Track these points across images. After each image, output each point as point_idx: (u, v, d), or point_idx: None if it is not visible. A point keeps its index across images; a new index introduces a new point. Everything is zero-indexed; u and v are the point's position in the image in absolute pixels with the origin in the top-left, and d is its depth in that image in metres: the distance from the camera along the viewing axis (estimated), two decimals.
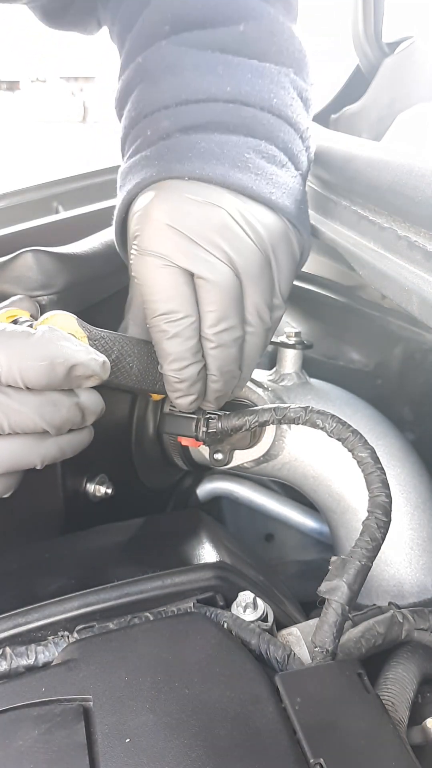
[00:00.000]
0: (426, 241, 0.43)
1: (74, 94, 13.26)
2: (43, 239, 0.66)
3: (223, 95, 0.50)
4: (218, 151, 0.49)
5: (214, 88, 0.50)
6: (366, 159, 0.52)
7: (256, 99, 0.51)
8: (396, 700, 0.42)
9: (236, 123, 0.50)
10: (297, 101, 0.54)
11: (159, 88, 0.52)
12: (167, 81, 0.52)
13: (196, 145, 0.49)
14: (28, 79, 13.55)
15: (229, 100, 0.51)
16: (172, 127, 0.50)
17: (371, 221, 0.51)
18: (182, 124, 0.50)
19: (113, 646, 0.43)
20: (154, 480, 0.80)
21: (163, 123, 0.51)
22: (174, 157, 0.49)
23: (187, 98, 0.51)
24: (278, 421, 0.53)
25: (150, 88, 0.53)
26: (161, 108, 0.51)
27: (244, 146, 0.50)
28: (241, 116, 0.50)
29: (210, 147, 0.49)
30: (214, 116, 0.50)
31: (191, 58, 0.51)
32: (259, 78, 0.52)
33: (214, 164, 0.48)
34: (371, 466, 0.47)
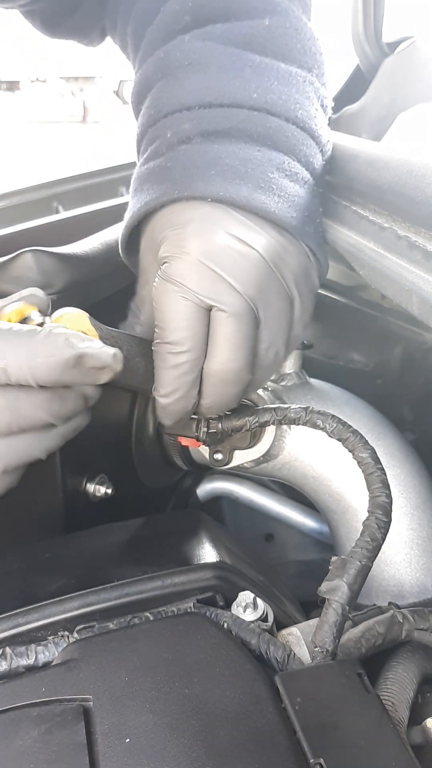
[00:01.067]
0: (426, 241, 0.43)
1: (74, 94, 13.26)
2: (43, 239, 0.66)
3: (248, 101, 0.48)
4: (242, 170, 0.47)
5: (239, 93, 0.49)
6: (366, 159, 0.52)
7: (282, 109, 0.49)
8: (396, 700, 0.42)
9: (261, 133, 0.49)
10: (320, 112, 0.52)
11: (181, 87, 0.50)
12: (190, 80, 0.50)
13: (219, 160, 0.47)
14: (28, 79, 13.55)
15: (255, 107, 0.49)
16: (194, 130, 0.49)
17: (371, 221, 0.51)
18: (204, 128, 0.48)
19: (113, 646, 0.43)
20: (154, 480, 0.80)
21: (184, 125, 0.49)
22: (197, 173, 0.47)
23: (210, 101, 0.49)
24: (278, 422, 0.53)
25: (171, 85, 0.50)
26: (183, 109, 0.49)
27: (268, 164, 0.48)
28: (266, 126, 0.49)
29: (234, 164, 0.47)
30: (238, 123, 0.48)
31: (216, 57, 0.49)
32: (285, 86, 0.50)
33: (237, 185, 0.47)
34: (372, 466, 0.47)
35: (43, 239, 0.66)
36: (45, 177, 1.08)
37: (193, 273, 0.46)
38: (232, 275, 0.46)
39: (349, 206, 0.56)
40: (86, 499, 0.67)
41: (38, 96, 13.08)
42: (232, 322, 0.46)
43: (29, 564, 0.57)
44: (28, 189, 1.04)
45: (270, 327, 0.49)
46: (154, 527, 0.63)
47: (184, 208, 0.48)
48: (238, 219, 0.47)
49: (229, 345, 0.47)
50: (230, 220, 0.47)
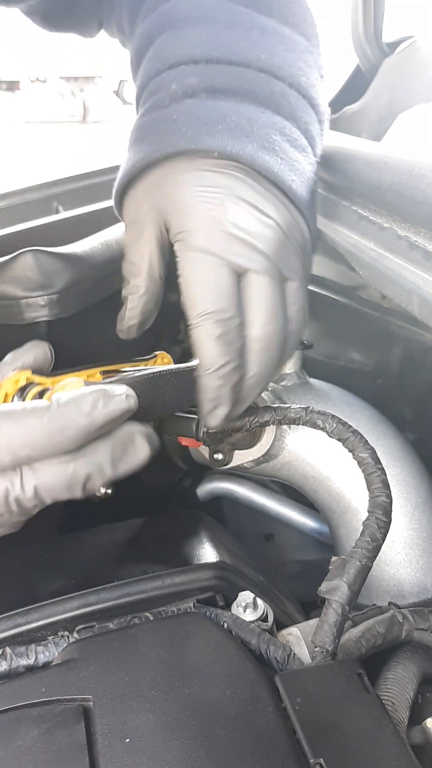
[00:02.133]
0: (426, 241, 0.43)
1: (74, 94, 13.26)
2: (43, 239, 0.66)
3: (256, 62, 0.48)
4: (248, 129, 0.47)
5: (247, 52, 0.48)
6: (366, 159, 0.52)
7: (287, 74, 0.49)
8: (396, 700, 0.42)
9: (266, 96, 0.48)
10: (319, 82, 0.53)
11: (188, 39, 0.49)
12: (198, 33, 0.49)
13: (226, 117, 0.47)
14: (28, 79, 13.55)
15: (262, 69, 0.48)
16: (200, 85, 0.48)
17: (371, 221, 0.51)
18: (211, 83, 0.48)
19: (113, 646, 0.43)
20: (154, 480, 0.80)
21: (190, 79, 0.48)
22: (204, 128, 0.46)
23: (219, 57, 0.48)
24: (278, 422, 0.53)
25: (178, 36, 0.49)
26: (189, 62, 0.48)
27: (272, 127, 0.48)
28: (271, 90, 0.49)
29: (240, 122, 0.47)
30: (245, 83, 0.48)
31: (224, 13, 0.49)
32: (290, 51, 0.50)
33: (243, 142, 0.47)
34: (372, 466, 0.47)
35: (43, 239, 0.66)
36: (45, 177, 1.08)
37: (221, 240, 0.45)
38: (256, 239, 0.46)
39: (349, 206, 0.56)
40: (86, 499, 0.67)
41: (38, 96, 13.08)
42: (267, 281, 0.46)
43: (29, 564, 0.57)
44: (28, 189, 1.04)
45: (292, 288, 0.48)
46: (154, 527, 0.63)
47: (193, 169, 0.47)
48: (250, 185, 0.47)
49: (268, 305, 0.47)
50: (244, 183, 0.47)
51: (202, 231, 0.46)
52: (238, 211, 0.46)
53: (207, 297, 0.46)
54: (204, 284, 0.46)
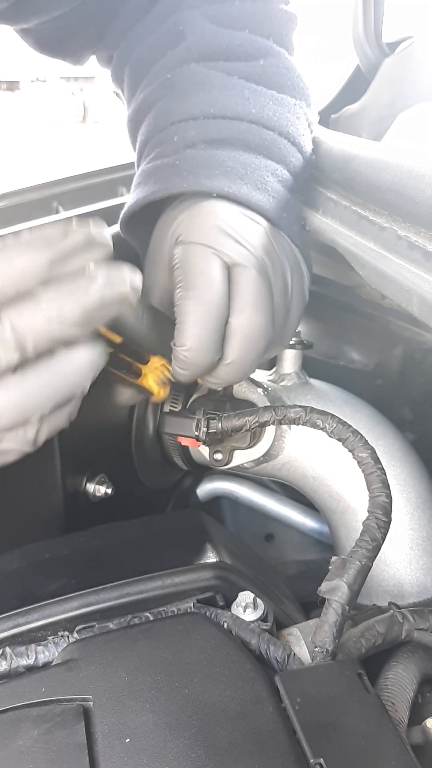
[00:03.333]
0: (426, 241, 0.43)
1: (74, 94, 13.25)
2: None
3: (247, 115, 0.55)
4: (242, 172, 0.53)
5: (240, 108, 0.55)
6: (366, 159, 0.52)
7: (276, 124, 0.56)
8: (396, 700, 0.42)
9: (257, 143, 0.55)
10: (307, 132, 0.59)
11: (188, 100, 0.56)
12: (196, 95, 0.56)
13: (222, 162, 0.53)
14: (28, 79, 13.54)
15: (253, 121, 0.55)
16: (198, 137, 0.54)
17: (371, 221, 0.51)
18: (208, 136, 0.54)
19: (113, 646, 0.43)
20: (154, 480, 0.80)
21: (190, 132, 0.55)
22: (203, 172, 0.53)
23: (215, 113, 0.55)
24: (278, 422, 0.53)
25: (178, 100, 0.57)
26: (189, 118, 0.55)
27: (264, 169, 0.55)
28: (262, 138, 0.55)
29: (235, 167, 0.53)
30: (239, 133, 0.55)
31: (219, 80, 0.57)
32: (278, 106, 0.57)
33: (239, 184, 0.53)
34: (371, 466, 0.47)
35: None
36: (45, 177, 1.07)
37: (216, 236, 0.50)
38: (246, 240, 0.50)
39: (349, 206, 0.56)
40: (86, 499, 0.67)
41: (38, 96, 13.07)
42: (255, 276, 0.49)
43: (29, 564, 0.57)
44: (28, 189, 1.04)
45: (278, 289, 0.52)
46: (154, 527, 0.63)
47: (196, 198, 0.52)
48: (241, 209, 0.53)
49: (253, 297, 0.50)
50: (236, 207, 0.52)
51: (197, 228, 0.51)
52: (231, 216, 0.51)
53: (194, 281, 0.49)
54: (193, 269, 0.49)
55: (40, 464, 0.63)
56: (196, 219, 0.51)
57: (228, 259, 0.49)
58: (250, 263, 0.50)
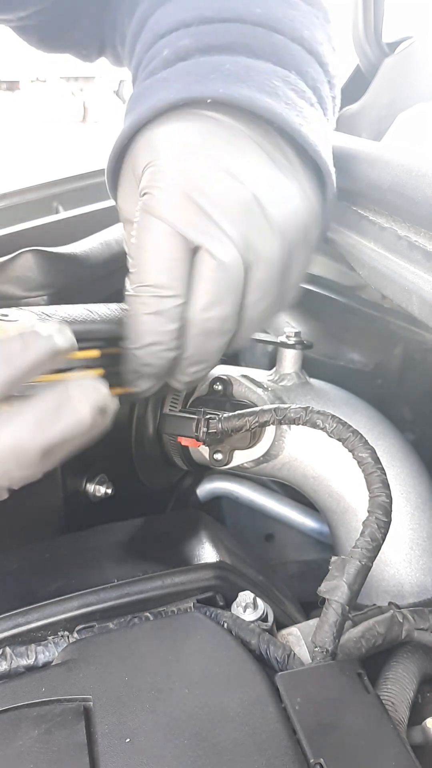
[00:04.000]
0: (426, 241, 0.43)
1: (74, 94, 13.25)
2: (43, 239, 0.66)
3: (251, 17, 0.44)
4: (244, 74, 0.43)
5: (242, 7, 0.45)
6: (366, 159, 0.52)
7: (287, 27, 0.45)
8: (396, 700, 0.42)
9: (264, 48, 0.44)
10: (328, 42, 0.48)
11: (179, 7, 0.46)
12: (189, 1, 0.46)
13: (220, 66, 0.43)
14: (28, 79, 13.54)
15: (258, 23, 0.44)
16: (192, 46, 0.44)
17: (371, 221, 0.51)
18: (204, 42, 0.44)
19: (113, 646, 0.43)
20: (154, 480, 0.80)
21: (182, 41, 0.45)
22: (193, 78, 0.42)
23: (211, 17, 0.45)
24: (278, 422, 0.53)
25: (170, 6, 0.47)
26: (181, 26, 0.45)
27: (273, 74, 0.43)
28: (270, 42, 0.44)
29: (236, 69, 0.43)
30: (240, 37, 0.44)
31: None
32: (290, 9, 0.46)
33: (239, 86, 0.42)
34: (372, 466, 0.47)
35: (43, 239, 0.66)
36: (45, 177, 1.07)
37: (178, 207, 0.40)
38: (220, 213, 0.40)
39: (349, 206, 0.56)
40: (86, 499, 0.67)
41: (38, 96, 13.07)
42: (218, 268, 0.41)
43: (29, 564, 0.57)
44: (28, 189, 1.04)
45: (259, 277, 0.43)
46: (154, 527, 0.63)
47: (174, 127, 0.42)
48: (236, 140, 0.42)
49: (214, 292, 0.42)
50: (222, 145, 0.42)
51: (163, 194, 0.41)
52: (208, 172, 0.40)
53: (151, 268, 0.41)
54: (152, 254, 0.41)
55: None
56: (160, 175, 0.41)
57: (193, 242, 0.41)
58: (215, 250, 0.40)
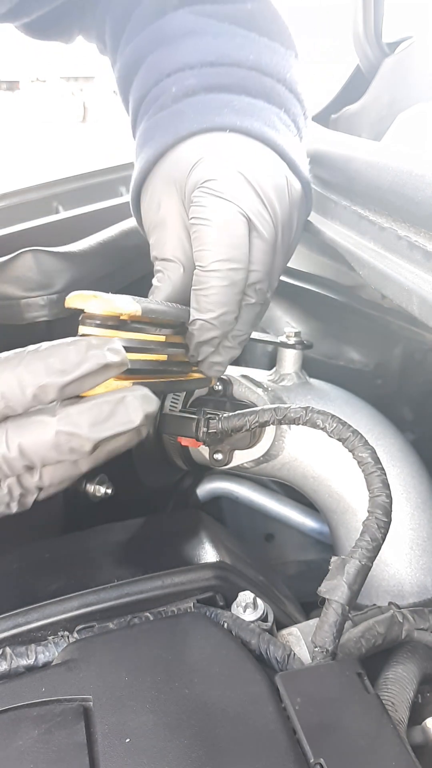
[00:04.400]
0: (426, 241, 0.43)
1: (74, 94, 13.25)
2: (43, 239, 0.66)
3: (245, 62, 0.53)
4: (250, 111, 0.52)
5: (237, 54, 0.53)
6: (366, 159, 0.52)
7: (274, 71, 0.54)
8: (396, 700, 0.42)
9: (258, 90, 0.53)
10: (302, 80, 0.57)
11: (181, 50, 0.54)
12: (189, 44, 0.54)
13: (229, 103, 0.51)
14: (28, 79, 13.54)
15: (251, 67, 0.53)
16: (198, 85, 0.52)
17: (371, 221, 0.51)
18: (208, 83, 0.52)
19: (113, 646, 0.43)
20: (154, 480, 0.80)
21: (189, 81, 0.52)
22: (211, 111, 0.51)
23: (212, 60, 0.53)
24: (278, 422, 0.53)
25: (170, 50, 0.54)
26: (186, 68, 0.53)
27: (269, 111, 0.53)
28: (263, 84, 0.53)
29: (242, 106, 0.52)
30: (239, 80, 0.53)
31: (211, 27, 0.54)
32: (273, 54, 0.55)
33: (250, 120, 0.51)
34: (372, 466, 0.47)
35: (43, 239, 0.66)
36: (45, 177, 1.07)
37: (242, 192, 0.48)
38: (269, 201, 0.49)
39: (349, 206, 0.56)
40: (86, 499, 0.67)
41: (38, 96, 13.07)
42: (268, 249, 0.49)
43: (29, 564, 0.57)
44: (28, 189, 1.04)
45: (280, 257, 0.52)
46: (154, 527, 0.63)
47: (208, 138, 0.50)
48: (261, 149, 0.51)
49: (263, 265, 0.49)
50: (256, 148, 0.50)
51: (227, 179, 0.48)
52: (257, 166, 0.49)
53: (227, 243, 0.47)
54: (225, 231, 0.47)
55: None
56: (223, 164, 0.48)
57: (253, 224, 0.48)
58: (269, 235, 0.49)
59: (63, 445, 0.38)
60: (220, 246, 0.47)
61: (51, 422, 0.38)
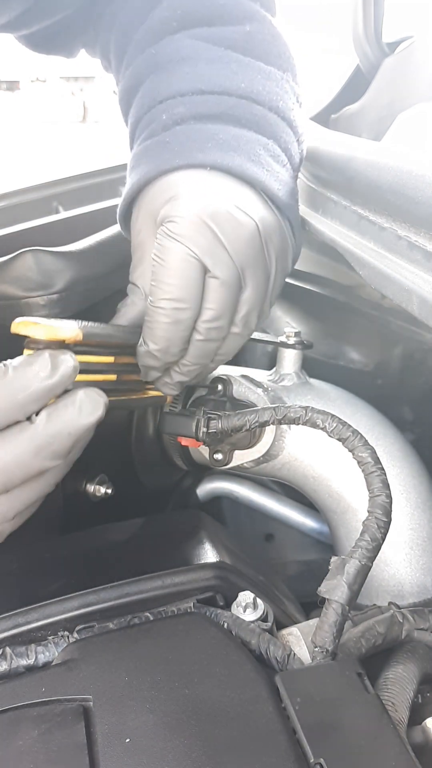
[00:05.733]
0: (426, 241, 0.43)
1: (74, 94, 13.25)
2: (43, 239, 0.66)
3: (236, 90, 0.53)
4: (234, 144, 0.52)
5: (228, 82, 0.53)
6: (366, 159, 0.52)
7: (266, 99, 0.54)
8: (396, 700, 0.42)
9: (248, 119, 0.53)
10: (296, 106, 0.57)
11: (174, 76, 0.54)
12: (182, 71, 0.54)
13: (214, 135, 0.52)
14: (28, 79, 13.54)
15: (242, 96, 0.54)
16: (188, 113, 0.53)
17: (371, 221, 0.51)
18: (197, 111, 0.53)
19: (113, 646, 0.43)
20: (154, 480, 0.80)
21: (178, 109, 0.53)
22: (195, 146, 0.52)
23: (202, 88, 0.53)
24: (278, 422, 0.53)
25: (165, 76, 0.55)
26: (177, 95, 0.54)
27: (256, 143, 0.53)
28: (252, 113, 0.54)
29: (227, 139, 0.52)
30: (228, 109, 0.53)
31: (206, 52, 0.54)
32: (267, 80, 0.55)
33: (232, 155, 0.51)
34: (372, 466, 0.47)
35: (43, 239, 0.66)
36: (45, 177, 1.07)
37: (197, 234, 0.49)
38: (229, 242, 0.49)
39: (349, 206, 0.56)
40: (86, 499, 0.67)
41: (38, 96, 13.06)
42: (223, 289, 0.50)
43: (29, 564, 0.57)
44: (28, 189, 1.04)
45: (249, 297, 0.52)
46: (154, 527, 0.63)
47: (186, 175, 0.51)
48: (237, 188, 0.51)
49: (218, 307, 0.50)
50: (231, 187, 0.51)
51: (185, 221, 0.49)
52: (222, 207, 0.49)
53: (174, 284, 0.49)
54: (175, 272, 0.49)
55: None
56: (184, 206, 0.50)
57: (207, 266, 0.49)
58: (226, 276, 0.50)
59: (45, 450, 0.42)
60: (168, 285, 0.49)
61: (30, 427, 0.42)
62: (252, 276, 0.51)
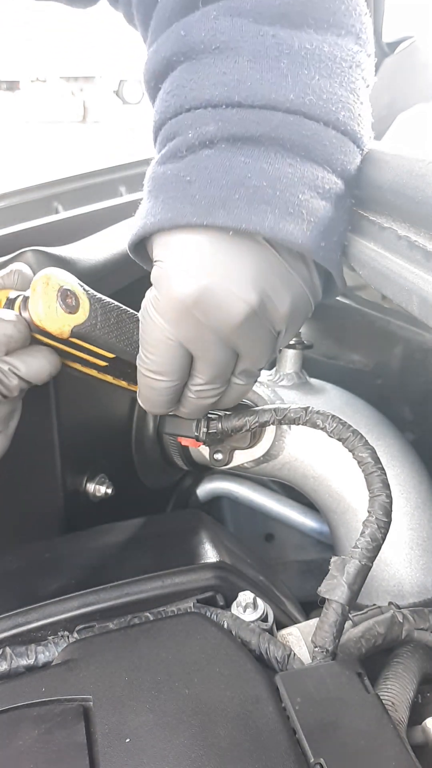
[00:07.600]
0: (426, 241, 0.43)
1: (74, 94, 13.25)
2: (43, 239, 0.66)
3: (284, 103, 0.42)
4: (270, 193, 0.42)
5: (274, 92, 0.42)
6: (366, 159, 0.52)
7: (322, 111, 0.43)
8: (396, 700, 0.42)
9: (294, 141, 0.43)
10: (365, 105, 0.48)
11: (207, 77, 0.43)
12: (218, 69, 0.43)
13: (245, 180, 0.42)
14: (28, 79, 13.54)
15: (290, 110, 0.43)
16: (219, 134, 0.43)
17: (371, 221, 0.51)
18: (231, 132, 0.42)
19: (113, 646, 0.43)
20: (154, 480, 0.80)
21: (207, 126, 0.43)
22: (219, 196, 0.42)
23: (240, 101, 0.42)
24: (278, 422, 0.53)
25: (196, 72, 0.44)
26: (207, 105, 0.43)
27: (300, 182, 0.43)
28: (302, 134, 0.43)
29: (261, 185, 0.42)
30: (270, 130, 0.42)
31: (248, 41, 0.43)
32: (327, 78, 0.44)
33: (264, 210, 0.42)
34: (372, 466, 0.47)
35: (43, 239, 0.66)
36: (45, 177, 1.07)
37: (180, 319, 0.44)
38: (216, 328, 0.45)
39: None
40: (86, 499, 0.67)
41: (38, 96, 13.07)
42: (212, 367, 0.48)
43: (29, 564, 0.57)
44: (28, 189, 1.04)
45: (247, 361, 0.49)
46: (154, 527, 0.63)
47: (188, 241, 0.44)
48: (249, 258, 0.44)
49: (206, 380, 0.49)
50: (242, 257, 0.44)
51: (168, 305, 0.44)
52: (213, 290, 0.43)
53: (154, 360, 0.47)
54: (155, 349, 0.47)
55: (40, 464, 0.63)
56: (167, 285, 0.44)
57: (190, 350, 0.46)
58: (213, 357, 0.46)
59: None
60: (149, 357, 0.47)
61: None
62: (250, 349, 0.47)
